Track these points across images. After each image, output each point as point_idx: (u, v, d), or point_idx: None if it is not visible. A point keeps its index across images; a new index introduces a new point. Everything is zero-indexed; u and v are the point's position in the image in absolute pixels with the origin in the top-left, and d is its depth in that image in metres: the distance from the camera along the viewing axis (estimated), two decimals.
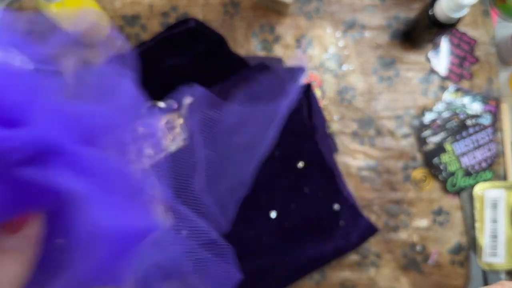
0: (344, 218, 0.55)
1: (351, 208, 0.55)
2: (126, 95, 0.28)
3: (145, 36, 0.65)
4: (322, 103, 0.64)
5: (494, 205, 0.62)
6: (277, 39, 0.66)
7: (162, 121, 0.57)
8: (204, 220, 0.42)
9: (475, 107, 0.65)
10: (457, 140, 0.64)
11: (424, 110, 0.65)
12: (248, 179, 0.48)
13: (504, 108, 0.65)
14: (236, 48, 0.65)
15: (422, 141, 0.64)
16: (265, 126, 0.49)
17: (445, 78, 0.66)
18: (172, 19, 0.66)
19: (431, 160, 0.63)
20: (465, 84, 0.66)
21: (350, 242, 0.55)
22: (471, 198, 0.63)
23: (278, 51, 0.66)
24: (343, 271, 0.62)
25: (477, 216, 0.62)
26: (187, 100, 0.57)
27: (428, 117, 0.64)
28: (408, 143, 0.65)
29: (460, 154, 0.63)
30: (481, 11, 0.67)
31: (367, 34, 0.66)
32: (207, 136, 0.46)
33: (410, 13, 0.66)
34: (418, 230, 0.63)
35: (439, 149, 0.64)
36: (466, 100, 0.65)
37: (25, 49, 0.23)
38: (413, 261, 0.63)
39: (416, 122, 0.65)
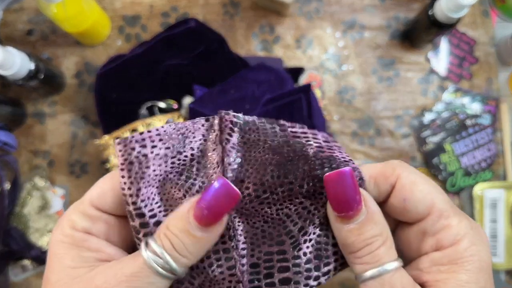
0: None
1: None
2: None
3: (146, 36, 0.66)
4: (322, 103, 0.64)
5: (494, 205, 0.62)
6: (277, 39, 0.66)
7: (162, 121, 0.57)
8: None
9: (474, 107, 0.65)
10: (456, 140, 0.64)
11: (423, 110, 0.65)
12: None
13: (504, 108, 0.65)
14: (236, 48, 0.65)
15: (421, 141, 0.64)
16: None
17: (444, 78, 0.66)
18: (172, 19, 0.66)
19: (430, 160, 0.63)
20: (464, 84, 0.66)
21: None
22: (470, 198, 0.63)
23: (278, 51, 0.66)
24: (343, 271, 0.62)
25: (476, 216, 0.62)
26: (187, 100, 0.57)
27: (427, 117, 0.65)
28: (407, 143, 0.65)
29: (459, 154, 0.64)
30: (481, 12, 0.67)
31: (367, 34, 0.66)
32: None
33: (410, 13, 0.67)
34: None
35: (439, 149, 0.64)
36: (465, 100, 0.65)
37: None
38: None
39: (415, 122, 0.65)
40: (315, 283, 0.22)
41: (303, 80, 0.63)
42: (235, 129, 0.22)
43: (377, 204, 0.21)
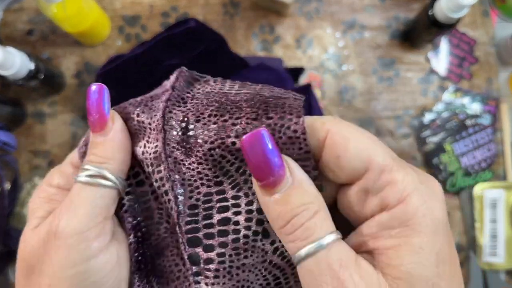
0: None
1: None
2: None
3: (145, 36, 0.66)
4: (322, 103, 0.64)
5: (494, 205, 0.62)
6: (277, 39, 0.66)
7: None
8: None
9: (474, 107, 0.65)
10: (456, 140, 0.64)
11: (423, 110, 0.65)
12: None
13: (504, 108, 0.65)
14: (236, 48, 0.65)
15: (421, 141, 0.64)
16: None
17: (444, 78, 0.66)
18: (172, 19, 0.66)
19: (430, 160, 0.63)
20: (464, 84, 0.66)
21: None
22: (470, 198, 0.63)
23: (278, 51, 0.66)
24: None
25: (476, 216, 0.62)
26: None
27: (427, 117, 0.65)
28: (407, 143, 0.65)
29: (459, 154, 0.64)
30: (481, 12, 0.67)
31: (367, 34, 0.66)
32: None
33: (410, 13, 0.67)
34: None
35: (439, 149, 0.64)
36: (465, 100, 0.65)
37: None
38: None
39: (415, 122, 0.65)
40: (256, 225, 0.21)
41: (303, 80, 0.63)
42: (194, 83, 0.23)
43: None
